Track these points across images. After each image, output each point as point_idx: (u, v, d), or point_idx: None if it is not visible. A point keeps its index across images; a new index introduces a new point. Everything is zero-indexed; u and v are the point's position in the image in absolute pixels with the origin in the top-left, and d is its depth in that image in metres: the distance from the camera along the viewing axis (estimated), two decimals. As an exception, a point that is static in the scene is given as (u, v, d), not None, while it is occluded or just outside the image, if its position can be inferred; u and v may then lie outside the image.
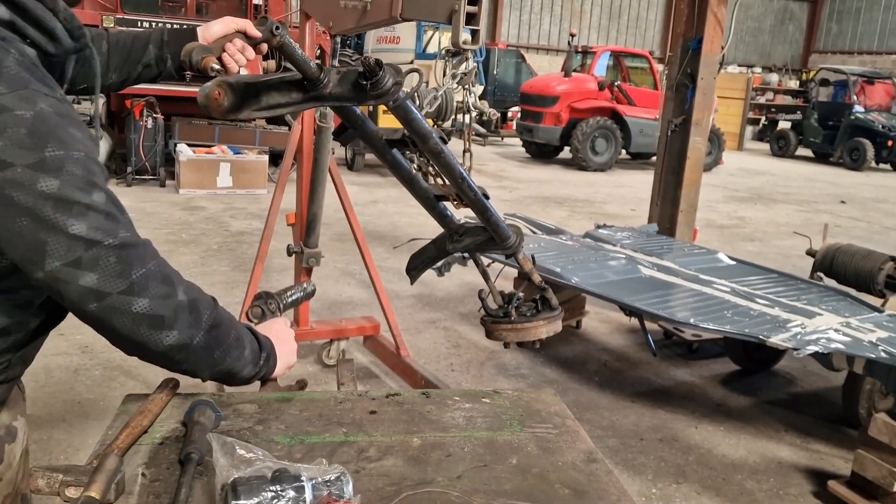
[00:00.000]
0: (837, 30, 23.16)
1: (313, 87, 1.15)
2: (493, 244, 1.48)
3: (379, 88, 1.12)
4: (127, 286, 0.94)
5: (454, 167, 1.34)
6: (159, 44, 1.32)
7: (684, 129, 4.49)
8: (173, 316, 0.98)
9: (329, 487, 0.89)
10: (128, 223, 0.97)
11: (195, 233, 5.97)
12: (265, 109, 1.17)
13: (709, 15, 4.27)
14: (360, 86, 1.13)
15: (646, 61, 12.75)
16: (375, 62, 1.10)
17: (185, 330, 0.99)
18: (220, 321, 1.06)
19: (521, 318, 1.47)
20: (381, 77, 1.12)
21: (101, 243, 0.92)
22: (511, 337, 1.50)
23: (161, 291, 0.97)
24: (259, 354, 1.15)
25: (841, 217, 8.88)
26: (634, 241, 4.10)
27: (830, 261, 3.83)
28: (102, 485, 0.88)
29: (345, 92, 1.15)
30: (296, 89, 1.17)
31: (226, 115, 1.17)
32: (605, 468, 1.11)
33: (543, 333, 1.48)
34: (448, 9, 1.83)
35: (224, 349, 1.06)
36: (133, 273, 0.94)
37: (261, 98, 1.16)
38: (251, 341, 1.14)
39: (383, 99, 1.14)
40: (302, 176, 3.10)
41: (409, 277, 1.65)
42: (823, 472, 2.88)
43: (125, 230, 0.96)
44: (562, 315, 1.51)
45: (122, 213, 0.97)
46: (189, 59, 1.16)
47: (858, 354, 2.55)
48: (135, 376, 3.27)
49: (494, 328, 1.49)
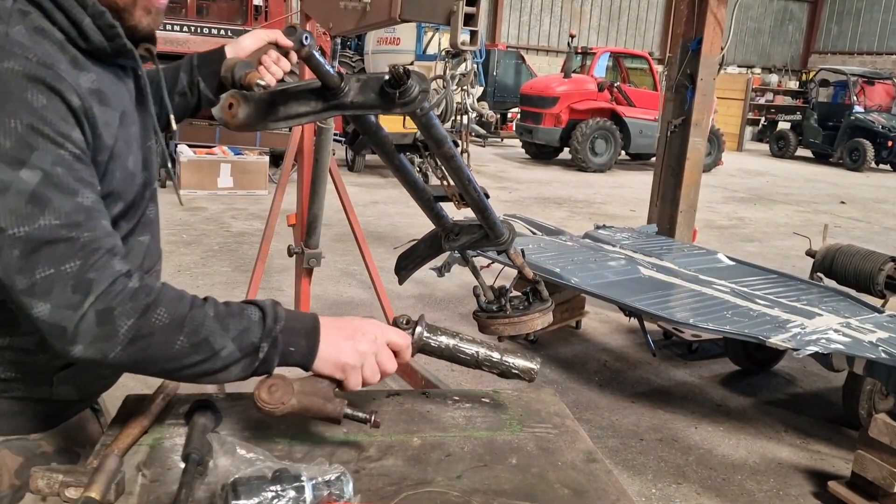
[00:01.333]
0: (837, 30, 23.17)
1: (334, 95, 1.11)
2: (487, 241, 1.50)
3: (407, 97, 1.09)
4: (27, 286, 0.83)
5: (463, 170, 1.35)
6: (189, 69, 1.27)
7: (684, 130, 4.49)
8: (74, 329, 0.85)
9: (329, 487, 0.89)
10: (70, 209, 0.84)
11: (196, 233, 5.97)
12: (283, 120, 1.13)
13: (708, 16, 4.27)
14: (387, 94, 1.10)
15: (645, 62, 12.76)
16: (404, 70, 1.07)
17: (91, 345, 0.86)
18: (152, 329, 0.88)
19: (515, 312, 1.48)
20: (409, 86, 1.09)
21: (5, 231, 0.81)
22: (507, 331, 1.51)
23: (66, 300, 0.84)
24: (258, 347, 0.94)
25: (841, 217, 8.89)
26: (634, 242, 4.10)
27: (830, 261, 3.83)
28: (102, 485, 0.88)
29: (368, 100, 1.12)
30: (315, 98, 1.13)
31: (242, 127, 1.12)
32: (604, 468, 1.11)
33: (538, 325, 1.49)
34: (446, 10, 1.83)
35: (168, 358, 0.90)
36: (38, 272, 0.83)
37: (278, 108, 1.12)
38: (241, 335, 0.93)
39: (410, 107, 1.11)
40: (302, 177, 3.10)
41: (399, 277, 1.64)
42: (824, 472, 2.88)
43: (54, 217, 0.83)
44: (553, 306, 1.52)
45: (64, 197, 0.83)
46: (231, 76, 1.11)
47: (858, 355, 2.55)
48: (135, 376, 3.27)
49: (490, 323, 1.50)
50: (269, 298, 1.01)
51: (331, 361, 0.99)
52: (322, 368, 1.00)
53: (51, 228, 0.83)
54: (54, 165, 0.83)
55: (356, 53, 12.50)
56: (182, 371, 0.93)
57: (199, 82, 1.26)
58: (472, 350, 1.17)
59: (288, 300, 4.28)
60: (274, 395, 0.97)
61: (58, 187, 0.83)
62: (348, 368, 1.00)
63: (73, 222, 0.85)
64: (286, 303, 1.37)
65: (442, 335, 1.15)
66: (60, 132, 0.85)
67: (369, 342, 1.01)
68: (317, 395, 0.99)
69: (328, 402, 1.00)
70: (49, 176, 0.82)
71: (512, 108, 14.45)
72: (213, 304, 0.95)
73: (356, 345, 1.00)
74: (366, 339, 1.01)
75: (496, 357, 1.16)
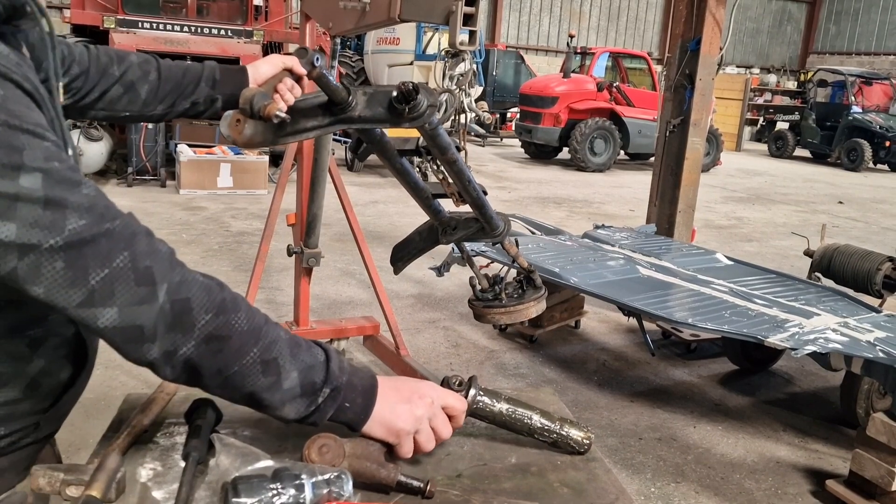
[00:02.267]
0: (835, 31, 23.19)
1: (342, 110, 1.12)
2: (484, 234, 1.52)
3: (416, 112, 1.10)
4: (84, 296, 0.74)
5: (465, 172, 1.37)
6: (211, 83, 1.22)
7: (683, 130, 4.50)
8: (153, 326, 0.77)
9: (329, 486, 0.89)
10: (87, 203, 0.75)
11: (196, 233, 5.98)
12: (291, 135, 1.13)
13: (707, 16, 4.28)
14: (395, 109, 1.10)
15: (644, 62, 12.77)
16: (413, 86, 1.08)
17: (166, 338, 0.79)
18: (230, 332, 0.81)
19: (510, 301, 1.50)
20: (418, 101, 1.10)
21: (40, 247, 0.71)
22: (504, 319, 1.53)
23: (134, 296, 0.76)
24: (318, 390, 0.87)
25: (839, 217, 8.90)
26: (633, 242, 4.10)
27: (828, 261, 3.84)
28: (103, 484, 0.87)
29: (376, 115, 1.13)
30: (322, 112, 1.14)
31: (250, 144, 1.11)
32: (603, 467, 1.11)
33: (533, 313, 1.51)
34: (445, 10, 1.84)
35: (237, 370, 0.83)
36: (91, 277, 0.74)
37: (285, 124, 1.11)
38: (306, 370, 0.86)
39: (419, 122, 1.11)
40: (302, 176, 3.11)
41: (394, 269, 1.65)
42: (822, 471, 2.89)
43: (78, 216, 0.73)
44: (546, 293, 1.54)
45: (73, 192, 0.74)
46: (250, 107, 1.09)
47: (856, 354, 2.55)
48: (136, 375, 3.28)
49: (486, 312, 1.51)
50: (332, 347, 0.95)
51: (385, 425, 0.93)
52: (374, 431, 0.93)
53: (83, 228, 0.73)
54: (48, 161, 0.73)
55: (356, 53, 12.49)
56: (241, 390, 0.85)
57: (219, 100, 1.23)
58: (527, 417, 1.12)
59: (287, 300, 4.28)
60: (325, 455, 0.92)
61: (62, 184, 0.73)
62: (403, 435, 0.93)
63: (99, 214, 0.76)
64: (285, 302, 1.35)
65: (495, 398, 1.11)
66: (34, 122, 0.74)
67: (426, 406, 0.94)
68: (369, 460, 0.94)
69: (381, 468, 0.94)
70: (49, 174, 0.72)
71: (511, 107, 14.45)
72: (279, 326, 0.88)
73: (413, 409, 0.93)
74: (423, 404, 0.94)
75: (553, 426, 1.12)
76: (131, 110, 1.16)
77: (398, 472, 0.94)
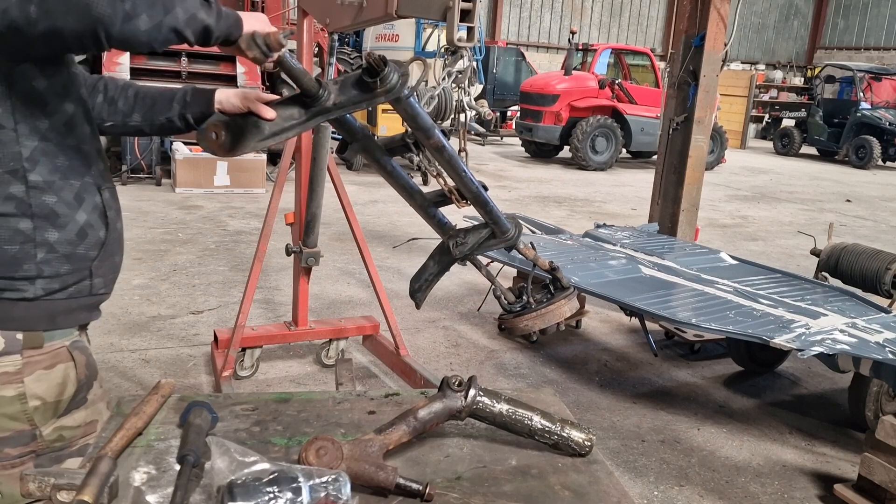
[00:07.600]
0: (844, 25, 23.06)
1: (315, 101, 1.12)
2: (495, 239, 1.49)
3: (387, 84, 1.10)
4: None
5: (456, 162, 1.35)
6: (182, 103, 1.38)
7: (686, 128, 4.46)
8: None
9: (326, 489, 0.89)
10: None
11: (192, 232, 5.94)
12: (270, 137, 1.13)
13: (712, 11, 4.23)
14: (366, 85, 1.10)
15: (647, 59, 12.73)
16: (380, 57, 1.08)
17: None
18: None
19: (540, 305, 1.47)
20: (387, 72, 1.09)
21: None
22: (537, 324, 1.51)
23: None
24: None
25: (846, 216, 8.84)
26: (635, 241, 4.07)
27: (836, 260, 3.80)
28: (95, 488, 0.87)
29: (351, 98, 1.13)
30: (296, 107, 1.13)
31: (231, 152, 1.13)
32: (605, 470, 1.10)
33: (567, 312, 1.49)
34: (442, 6, 1.81)
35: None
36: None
37: (262, 127, 1.12)
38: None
39: (392, 94, 1.11)
40: (301, 175, 3.08)
41: (415, 301, 1.63)
42: (829, 475, 2.84)
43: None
44: (575, 291, 1.51)
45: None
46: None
47: (865, 356, 2.51)
48: (129, 377, 3.25)
49: (518, 322, 1.48)
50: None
51: (261, 21, 1.12)
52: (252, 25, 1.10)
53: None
54: None
55: (354, 50, 12.47)
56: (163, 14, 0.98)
57: (189, 118, 1.38)
58: (527, 418, 1.11)
59: (286, 299, 4.25)
60: (322, 458, 0.95)
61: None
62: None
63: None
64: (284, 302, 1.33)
65: (495, 399, 1.11)
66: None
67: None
68: (367, 461, 0.97)
69: (380, 470, 0.96)
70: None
71: (512, 105, 14.42)
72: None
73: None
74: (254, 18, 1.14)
75: (554, 427, 1.11)
76: (114, 120, 1.38)
77: (397, 475, 0.97)
